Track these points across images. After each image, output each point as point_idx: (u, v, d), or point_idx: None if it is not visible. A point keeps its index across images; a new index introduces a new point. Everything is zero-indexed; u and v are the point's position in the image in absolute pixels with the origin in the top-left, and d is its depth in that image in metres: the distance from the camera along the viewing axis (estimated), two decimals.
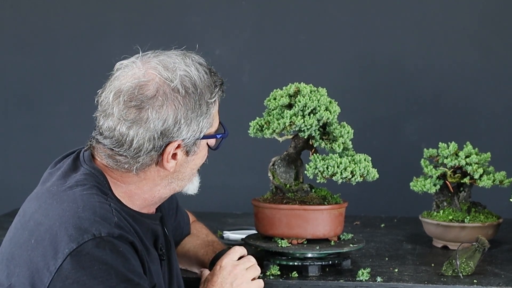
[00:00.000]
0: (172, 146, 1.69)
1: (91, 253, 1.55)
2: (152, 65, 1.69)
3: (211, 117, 1.73)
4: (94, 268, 1.55)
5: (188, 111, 1.67)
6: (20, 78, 3.54)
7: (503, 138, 3.28)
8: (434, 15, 3.33)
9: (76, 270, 1.55)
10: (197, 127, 1.70)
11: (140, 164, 1.69)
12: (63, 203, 1.63)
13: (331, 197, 2.13)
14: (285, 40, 3.41)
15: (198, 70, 1.71)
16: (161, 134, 1.66)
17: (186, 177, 1.77)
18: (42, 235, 1.60)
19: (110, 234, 1.58)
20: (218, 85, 1.75)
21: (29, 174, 3.58)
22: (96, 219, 1.59)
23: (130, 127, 1.65)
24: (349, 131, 2.09)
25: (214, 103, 1.73)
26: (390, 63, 3.36)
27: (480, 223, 2.37)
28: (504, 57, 3.30)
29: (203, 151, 1.77)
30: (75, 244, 1.56)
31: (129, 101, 1.65)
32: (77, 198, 1.63)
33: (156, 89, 1.66)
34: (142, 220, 1.74)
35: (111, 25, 3.49)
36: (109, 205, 1.64)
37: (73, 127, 3.50)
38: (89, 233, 1.56)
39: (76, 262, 1.55)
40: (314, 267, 2.06)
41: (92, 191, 1.66)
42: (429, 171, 2.41)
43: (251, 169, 3.17)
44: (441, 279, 2.04)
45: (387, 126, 3.37)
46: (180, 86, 1.67)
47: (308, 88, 2.09)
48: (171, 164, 1.71)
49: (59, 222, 1.60)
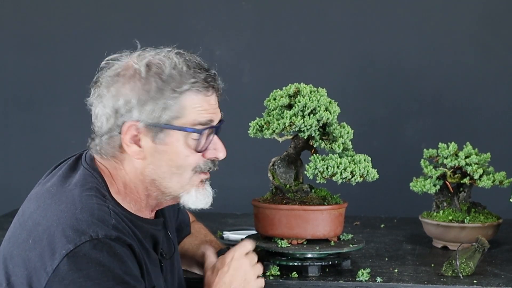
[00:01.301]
0: (128, 126, 1.68)
1: (88, 255, 1.56)
2: (135, 55, 1.74)
3: (178, 106, 1.68)
4: (90, 269, 1.55)
5: (144, 91, 1.67)
6: (20, 78, 3.54)
7: (503, 138, 3.28)
8: (434, 15, 3.33)
9: (73, 271, 1.55)
10: (153, 110, 1.67)
11: (107, 146, 1.71)
12: (61, 204, 1.63)
13: (331, 197, 2.13)
14: (285, 40, 3.41)
15: (177, 60, 1.70)
16: (116, 112, 1.69)
17: (165, 175, 1.72)
18: (40, 235, 1.60)
19: (108, 236, 1.58)
20: (200, 80, 1.70)
21: (29, 174, 3.57)
22: (94, 220, 1.59)
23: (96, 104, 1.73)
24: (349, 131, 2.09)
25: (186, 94, 1.68)
26: (390, 63, 3.36)
27: (480, 224, 2.37)
28: (504, 57, 3.30)
29: (177, 145, 1.70)
30: (72, 245, 1.56)
31: (99, 80, 1.74)
32: (76, 200, 1.64)
33: (120, 69, 1.71)
34: (140, 224, 1.73)
35: (111, 25, 3.49)
36: (107, 207, 1.64)
37: (73, 128, 3.50)
38: (86, 235, 1.57)
39: (73, 263, 1.55)
40: (314, 267, 2.06)
41: (91, 192, 1.66)
42: (429, 172, 2.41)
43: (251, 170, 3.17)
44: (441, 280, 2.04)
45: (387, 126, 3.37)
46: (143, 67, 1.69)
47: (308, 89, 2.09)
48: (132, 149, 1.70)
49: (56, 223, 1.60)
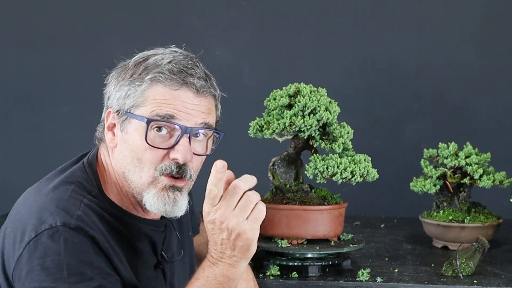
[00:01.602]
0: (106, 113, 1.71)
1: (46, 243, 1.55)
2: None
3: (139, 94, 1.65)
4: (47, 258, 1.55)
5: (121, 79, 1.69)
6: (20, 78, 3.53)
7: (503, 138, 3.27)
8: (434, 15, 3.33)
9: (31, 259, 1.56)
10: (120, 96, 1.67)
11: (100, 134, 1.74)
12: (39, 195, 1.65)
13: (331, 197, 2.13)
14: (285, 40, 3.41)
15: (163, 55, 1.69)
16: (105, 100, 1.73)
17: (129, 166, 1.67)
18: (15, 223, 1.63)
19: (66, 224, 1.57)
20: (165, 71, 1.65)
21: (29, 174, 3.57)
22: (57, 210, 1.59)
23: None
24: (349, 131, 2.09)
25: (150, 82, 1.65)
26: (390, 63, 3.36)
27: (480, 224, 2.37)
28: (504, 57, 3.30)
29: (134, 134, 1.66)
30: (33, 233, 1.57)
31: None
32: (50, 190, 1.64)
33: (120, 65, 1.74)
34: (131, 222, 1.71)
35: (111, 25, 3.49)
36: (81, 200, 1.62)
37: (73, 127, 3.50)
38: (47, 223, 1.57)
39: (32, 252, 1.56)
40: (314, 267, 2.06)
41: (71, 186, 1.65)
42: (429, 172, 2.41)
43: (251, 170, 3.16)
44: (441, 280, 2.04)
45: (387, 126, 3.37)
46: (132, 61, 1.71)
47: (308, 88, 2.09)
48: (108, 136, 1.71)
49: (28, 211, 1.61)
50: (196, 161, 1.70)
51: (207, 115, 1.69)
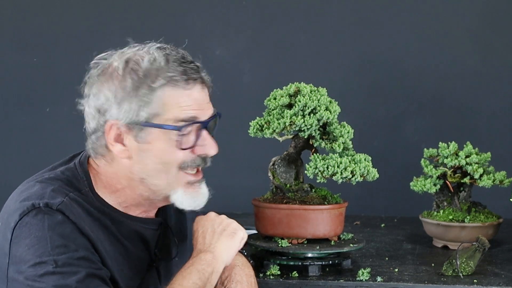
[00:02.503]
0: (109, 126, 1.67)
1: (30, 222, 1.58)
2: (119, 51, 1.74)
3: (156, 103, 1.65)
4: (31, 236, 1.57)
5: (120, 90, 1.65)
6: (20, 78, 3.53)
7: (503, 138, 3.27)
8: (434, 15, 3.33)
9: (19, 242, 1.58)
10: (130, 109, 1.64)
11: (94, 145, 1.70)
12: (25, 190, 1.66)
13: (331, 197, 2.13)
14: (285, 40, 3.41)
15: (157, 55, 1.67)
16: (98, 112, 1.68)
17: (152, 172, 1.69)
18: (4, 216, 1.65)
19: (50, 205, 1.59)
20: (178, 74, 1.66)
21: (29, 174, 3.57)
22: (41, 196, 1.61)
23: (84, 105, 1.72)
24: (349, 131, 2.09)
25: (161, 89, 1.64)
26: (390, 63, 3.36)
27: (480, 223, 2.37)
28: (504, 57, 3.30)
29: (159, 143, 1.67)
30: (18, 217, 1.59)
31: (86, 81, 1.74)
32: (37, 184, 1.67)
33: (102, 68, 1.70)
34: (121, 220, 1.72)
35: (111, 25, 3.48)
36: (66, 193, 1.64)
37: (73, 127, 3.49)
38: (29, 203, 1.60)
39: (18, 233, 1.58)
40: (314, 267, 2.06)
41: (58, 182, 1.67)
42: (429, 171, 2.41)
43: (251, 169, 3.17)
44: (441, 279, 2.04)
45: (387, 126, 3.37)
46: (121, 65, 1.67)
47: (308, 88, 2.09)
48: (117, 148, 1.68)
49: (14, 203, 1.64)
50: None
51: (211, 104, 1.73)
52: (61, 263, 1.55)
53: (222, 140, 1.78)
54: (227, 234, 1.76)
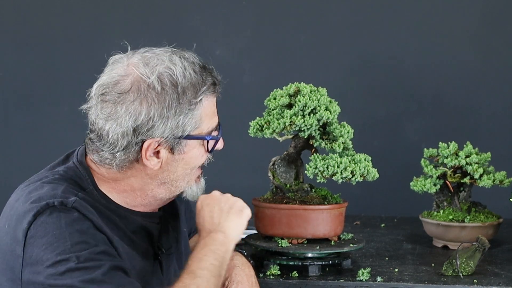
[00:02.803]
0: (149, 143, 1.65)
1: (46, 221, 1.57)
2: (134, 61, 1.68)
3: (196, 116, 1.67)
4: (48, 235, 1.56)
5: (163, 109, 1.64)
6: (20, 78, 3.53)
7: (503, 138, 3.27)
8: (434, 15, 3.33)
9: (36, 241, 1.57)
10: (176, 125, 1.65)
11: (119, 161, 1.67)
12: (33, 190, 1.66)
13: (331, 197, 2.13)
14: (285, 40, 3.41)
15: (185, 68, 1.67)
16: (134, 131, 1.64)
17: (179, 177, 1.72)
18: (10, 217, 1.64)
19: (64, 203, 1.59)
20: (209, 85, 1.69)
21: (29, 174, 3.56)
22: (54, 195, 1.61)
23: (106, 122, 1.66)
24: (349, 131, 2.09)
25: (200, 102, 1.67)
26: (390, 63, 3.36)
27: (480, 223, 2.37)
28: (504, 57, 3.30)
29: (193, 151, 1.71)
30: (32, 218, 1.58)
31: (105, 95, 1.67)
32: (45, 184, 1.66)
33: (130, 84, 1.65)
34: (127, 215, 1.73)
35: (111, 25, 3.48)
36: (75, 194, 1.64)
37: (73, 127, 3.49)
38: (43, 202, 1.59)
39: (34, 234, 1.57)
40: (314, 267, 2.06)
41: (65, 182, 1.67)
42: (429, 171, 2.41)
43: (251, 169, 3.17)
44: (441, 279, 2.04)
45: (387, 126, 3.37)
46: (156, 82, 1.64)
47: (308, 88, 2.09)
48: (152, 162, 1.68)
49: (23, 203, 1.63)
50: None
51: None
52: (84, 259, 1.54)
53: None
54: (234, 212, 1.78)
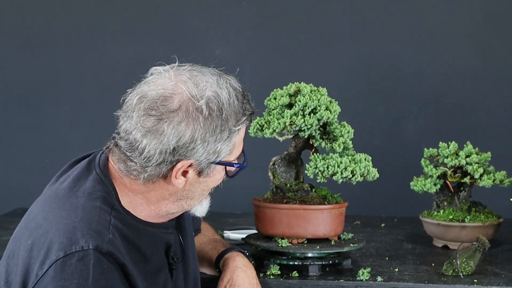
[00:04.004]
0: (183, 164, 1.64)
1: (75, 265, 1.53)
2: (183, 78, 1.64)
3: (231, 144, 1.67)
4: (73, 281, 1.52)
5: (207, 133, 1.62)
6: (20, 78, 3.54)
7: (503, 137, 3.28)
8: (434, 15, 3.33)
9: (57, 279, 1.53)
10: (214, 151, 1.64)
11: (148, 175, 1.65)
12: (64, 210, 1.61)
13: (332, 196, 2.13)
14: (285, 40, 3.41)
15: (230, 94, 1.65)
16: (174, 150, 1.62)
17: (195, 196, 1.72)
18: (38, 238, 1.59)
19: (99, 248, 1.55)
20: (247, 114, 1.69)
21: (29, 174, 3.57)
22: (90, 232, 1.56)
23: (144, 135, 1.61)
24: (349, 130, 2.09)
25: (238, 131, 1.67)
26: (391, 62, 3.36)
27: (481, 223, 2.37)
28: (504, 57, 3.30)
29: (217, 175, 1.71)
30: (62, 253, 1.54)
31: (150, 109, 1.61)
32: (79, 208, 1.61)
33: (179, 104, 1.61)
34: (149, 230, 1.71)
35: (111, 25, 3.49)
36: (109, 221, 1.61)
37: (73, 127, 3.50)
38: (78, 245, 1.54)
39: (59, 272, 1.53)
40: (315, 266, 2.06)
41: (96, 203, 1.63)
42: (429, 171, 2.41)
43: (251, 169, 3.16)
44: (442, 279, 2.04)
45: (388, 125, 3.37)
46: (204, 106, 1.61)
47: (308, 88, 2.09)
48: (179, 181, 1.66)
49: (55, 228, 1.58)
50: None
51: None
52: None
53: None
54: None
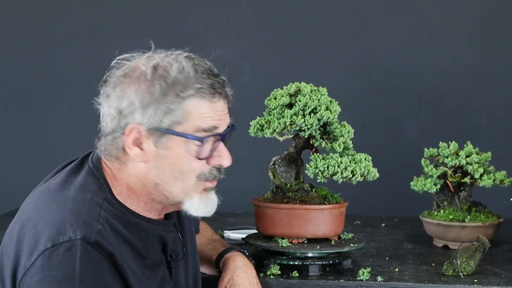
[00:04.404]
0: (130, 128, 1.65)
1: (62, 255, 1.54)
2: (145, 55, 1.71)
3: (181, 111, 1.65)
4: (60, 271, 1.53)
5: (147, 95, 1.64)
6: (20, 78, 3.53)
7: (503, 137, 3.28)
8: (434, 15, 3.33)
9: (44, 269, 1.54)
10: (155, 114, 1.64)
11: (111, 147, 1.68)
12: (55, 203, 1.63)
13: (332, 196, 2.13)
14: (285, 40, 3.41)
15: (186, 65, 1.67)
16: (120, 113, 1.66)
17: (169, 180, 1.69)
18: (28, 230, 1.60)
19: (86, 238, 1.56)
20: (206, 86, 1.67)
21: (29, 174, 3.57)
22: (78, 222, 1.57)
23: (101, 105, 1.69)
24: (349, 130, 2.09)
25: (189, 99, 1.65)
26: (391, 62, 3.36)
27: (481, 223, 2.37)
28: (504, 57, 3.30)
29: (177, 150, 1.67)
30: (50, 243, 1.55)
31: (107, 80, 1.70)
32: (69, 200, 1.63)
33: (128, 69, 1.68)
34: (145, 225, 1.71)
35: (111, 25, 3.49)
36: (98, 213, 1.62)
37: (73, 127, 3.50)
38: (66, 235, 1.56)
39: (47, 262, 1.54)
40: (315, 266, 2.06)
41: (88, 195, 1.64)
42: (429, 171, 2.41)
43: (251, 169, 3.17)
44: (442, 279, 2.04)
45: (388, 125, 3.37)
46: (150, 70, 1.65)
47: (308, 88, 2.09)
48: (134, 151, 1.67)
49: (45, 220, 1.60)
50: None
51: (228, 114, 1.74)
52: None
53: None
54: None
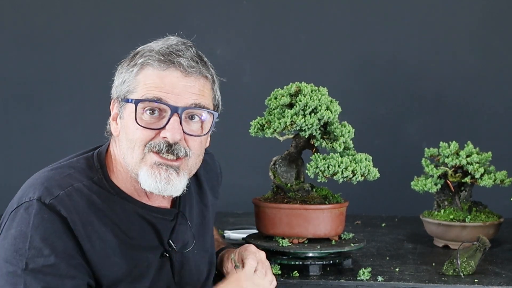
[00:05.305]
0: (111, 105, 1.75)
1: (21, 214, 1.62)
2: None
3: (133, 80, 1.69)
4: (17, 228, 1.61)
5: (120, 68, 1.74)
6: (20, 78, 3.53)
7: (504, 137, 3.28)
8: (434, 15, 3.33)
9: (7, 228, 1.63)
10: (118, 84, 1.72)
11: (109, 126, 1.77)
12: (36, 176, 1.71)
13: (332, 196, 2.13)
14: (285, 40, 3.41)
15: (158, 42, 1.75)
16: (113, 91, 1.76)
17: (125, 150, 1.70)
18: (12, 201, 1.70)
19: (42, 199, 1.62)
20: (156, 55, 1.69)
21: (29, 174, 3.56)
22: (41, 187, 1.65)
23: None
24: (350, 130, 2.09)
25: (142, 68, 1.69)
26: (391, 62, 3.36)
27: (481, 223, 2.37)
28: (504, 57, 3.30)
29: (128, 119, 1.70)
30: (16, 205, 1.65)
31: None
32: (48, 170, 1.72)
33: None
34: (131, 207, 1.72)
35: (111, 25, 3.49)
36: (71, 184, 1.66)
37: (73, 127, 3.50)
38: (27, 197, 1.64)
39: (10, 222, 1.63)
40: (315, 266, 2.06)
41: (70, 171, 1.71)
42: (430, 171, 2.41)
43: (252, 169, 3.17)
44: (442, 279, 2.04)
45: (388, 125, 3.37)
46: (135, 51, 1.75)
47: (309, 88, 2.09)
48: (113, 126, 1.75)
49: (21, 188, 1.70)
50: (192, 141, 1.71)
51: (198, 96, 1.70)
52: (31, 268, 1.58)
53: (223, 140, 1.79)
54: None
